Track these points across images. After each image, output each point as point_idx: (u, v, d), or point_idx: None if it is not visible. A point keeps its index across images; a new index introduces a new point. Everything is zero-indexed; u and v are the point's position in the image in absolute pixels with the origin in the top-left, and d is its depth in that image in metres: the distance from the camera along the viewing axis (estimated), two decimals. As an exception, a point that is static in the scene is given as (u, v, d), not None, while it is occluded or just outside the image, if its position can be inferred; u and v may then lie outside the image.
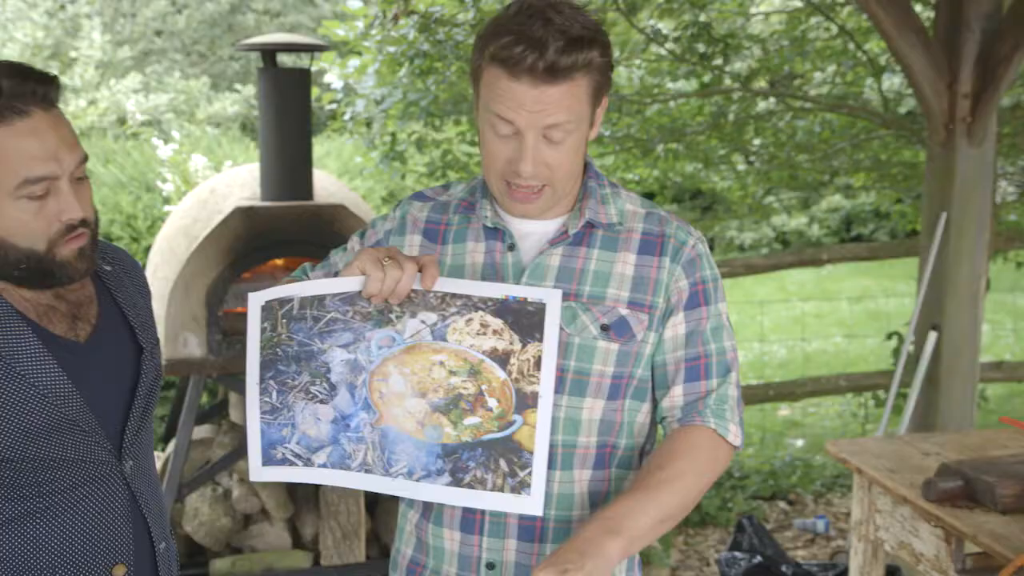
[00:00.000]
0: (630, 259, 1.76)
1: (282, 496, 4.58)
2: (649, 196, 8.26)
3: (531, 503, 1.63)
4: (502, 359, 1.64)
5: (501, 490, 1.64)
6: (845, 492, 5.60)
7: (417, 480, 1.66)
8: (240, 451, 4.49)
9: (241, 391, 4.50)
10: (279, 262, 4.38)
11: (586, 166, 1.83)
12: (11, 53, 11.99)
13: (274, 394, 1.69)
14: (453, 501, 1.66)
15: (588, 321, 1.73)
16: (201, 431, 4.89)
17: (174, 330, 4.24)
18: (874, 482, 2.93)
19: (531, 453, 1.63)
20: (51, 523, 1.74)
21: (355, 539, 4.36)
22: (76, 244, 1.72)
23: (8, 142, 1.62)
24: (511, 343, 1.64)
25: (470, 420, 1.64)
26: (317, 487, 4.56)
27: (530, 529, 1.76)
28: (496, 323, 1.64)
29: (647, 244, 1.77)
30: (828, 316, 10.32)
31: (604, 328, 1.73)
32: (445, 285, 1.65)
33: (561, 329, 1.70)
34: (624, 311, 1.74)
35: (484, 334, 1.64)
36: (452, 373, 1.65)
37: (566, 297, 1.73)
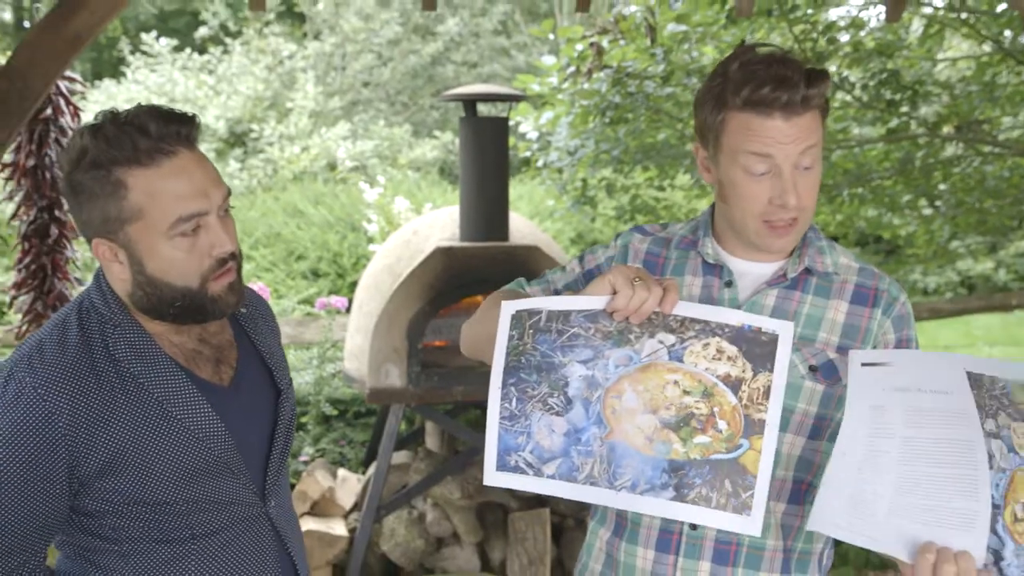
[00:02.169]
0: (842, 307, 1.82)
1: (472, 521, 4.71)
2: (832, 240, 8.18)
3: (751, 524, 1.65)
4: (734, 385, 1.67)
5: (723, 508, 1.65)
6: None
7: (640, 493, 1.68)
8: (434, 476, 4.66)
9: (437, 420, 4.69)
10: (477, 299, 4.48)
11: None
12: (235, 104, 12.84)
13: (514, 401, 1.74)
14: (674, 515, 1.68)
15: (797, 361, 1.79)
16: (399, 456, 5.06)
17: (377, 361, 4.41)
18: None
19: (755, 477, 1.65)
20: (205, 565, 1.76)
21: (540, 565, 4.43)
22: (227, 279, 1.73)
23: (159, 184, 1.63)
24: (743, 371, 1.67)
25: (700, 439, 1.66)
26: (506, 513, 4.74)
27: (724, 553, 1.82)
28: (731, 350, 1.67)
29: (860, 295, 1.84)
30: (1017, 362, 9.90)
31: (812, 369, 1.79)
32: (683, 309, 1.70)
33: None
34: (833, 355, 1.80)
35: (719, 359, 1.67)
36: (686, 392, 1.67)
37: None
